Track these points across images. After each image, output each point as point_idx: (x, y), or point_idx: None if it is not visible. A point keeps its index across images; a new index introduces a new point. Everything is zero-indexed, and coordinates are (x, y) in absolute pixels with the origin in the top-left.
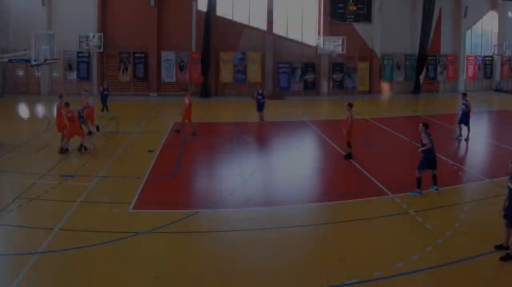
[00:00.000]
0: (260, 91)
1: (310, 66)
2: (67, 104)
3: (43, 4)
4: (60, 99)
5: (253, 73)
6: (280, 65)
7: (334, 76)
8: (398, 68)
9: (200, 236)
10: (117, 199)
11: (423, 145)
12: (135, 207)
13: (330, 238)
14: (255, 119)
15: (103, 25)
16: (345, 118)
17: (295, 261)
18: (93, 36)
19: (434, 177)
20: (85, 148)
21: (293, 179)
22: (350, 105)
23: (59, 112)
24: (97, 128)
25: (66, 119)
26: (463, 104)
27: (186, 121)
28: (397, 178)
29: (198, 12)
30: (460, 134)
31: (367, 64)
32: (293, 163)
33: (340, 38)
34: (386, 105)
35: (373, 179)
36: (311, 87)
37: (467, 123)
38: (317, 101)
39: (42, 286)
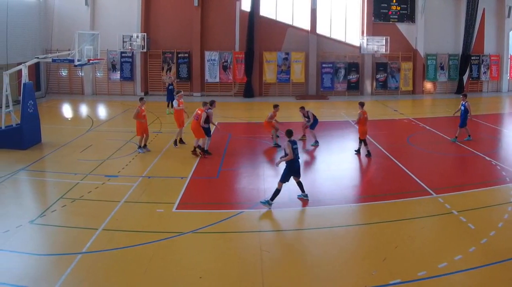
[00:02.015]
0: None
1: (353, 66)
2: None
3: (86, 4)
4: (141, 101)
5: (297, 73)
6: (324, 65)
7: (378, 76)
8: (442, 68)
9: (243, 236)
10: (161, 199)
11: (286, 155)
12: (178, 207)
13: (373, 238)
14: (298, 119)
15: (146, 25)
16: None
17: (338, 261)
18: (137, 36)
19: (299, 183)
20: (202, 150)
21: (336, 179)
22: (361, 104)
23: (140, 114)
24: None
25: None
26: (462, 105)
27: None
28: (440, 178)
29: (242, 12)
30: (469, 135)
31: (410, 64)
32: (336, 163)
33: (384, 38)
34: (430, 106)
35: (416, 179)
36: (354, 87)
37: (463, 124)
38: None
39: (86, 286)
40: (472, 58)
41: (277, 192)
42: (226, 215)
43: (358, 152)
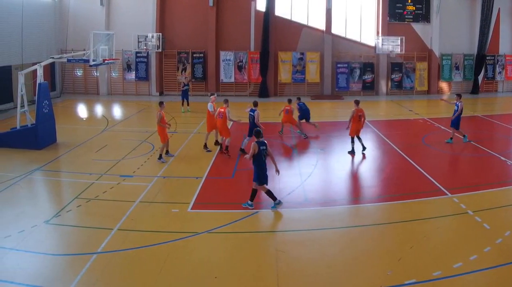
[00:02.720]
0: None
1: (368, 66)
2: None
3: (102, 4)
4: (161, 106)
5: (312, 73)
6: (339, 65)
7: (393, 76)
8: (457, 68)
9: (259, 236)
10: (176, 199)
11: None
12: (193, 207)
13: (388, 238)
14: (314, 119)
15: (161, 25)
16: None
17: (353, 260)
18: (152, 36)
19: (269, 192)
20: (226, 150)
21: (351, 179)
22: (356, 102)
23: (164, 119)
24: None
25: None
26: (456, 105)
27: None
28: (455, 178)
29: (257, 12)
30: (465, 136)
31: (425, 64)
32: (351, 163)
33: (399, 38)
34: (445, 106)
35: (431, 179)
36: (369, 87)
37: (456, 125)
38: (376, 101)
39: (101, 286)
40: (487, 58)
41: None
42: (241, 215)
43: (363, 147)
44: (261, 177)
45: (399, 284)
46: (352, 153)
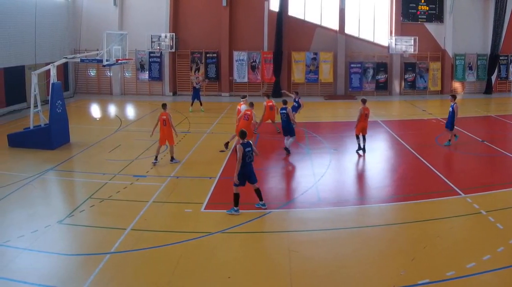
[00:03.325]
0: (296, 99)
1: (382, 66)
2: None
3: (115, 4)
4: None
5: (325, 73)
6: (352, 65)
7: (406, 76)
8: (470, 68)
9: (272, 236)
10: (189, 199)
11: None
12: (207, 207)
13: (402, 238)
14: (327, 119)
15: (175, 25)
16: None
17: (366, 260)
18: (165, 36)
19: (257, 191)
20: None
21: (364, 179)
22: (363, 101)
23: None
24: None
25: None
26: (450, 107)
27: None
28: (469, 177)
29: (270, 12)
30: (456, 136)
31: (439, 64)
32: (365, 163)
33: (412, 38)
34: (459, 106)
35: (445, 179)
36: (383, 87)
37: (451, 126)
38: (389, 101)
39: (114, 286)
40: (501, 58)
41: (236, 196)
42: (255, 215)
43: (362, 150)
44: (240, 178)
45: (412, 284)
46: (359, 150)
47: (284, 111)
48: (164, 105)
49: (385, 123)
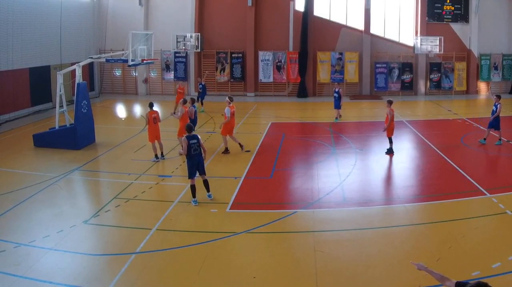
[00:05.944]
0: (336, 90)
1: (407, 66)
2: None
3: (140, 4)
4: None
5: (351, 73)
6: (378, 65)
7: (431, 76)
8: (495, 68)
9: (297, 236)
10: (214, 199)
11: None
12: (232, 207)
13: (427, 238)
14: (353, 119)
15: (200, 25)
16: (385, 115)
17: (392, 260)
18: (191, 36)
19: (205, 182)
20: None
21: (390, 179)
22: (390, 102)
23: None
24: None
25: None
26: (494, 106)
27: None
28: (494, 177)
29: (295, 12)
30: (500, 139)
31: (464, 64)
32: (390, 163)
33: (437, 38)
34: (483, 106)
35: (470, 179)
36: (408, 87)
37: (496, 126)
38: (415, 101)
39: (140, 286)
40: None
41: (192, 188)
42: (280, 215)
43: (390, 151)
44: (189, 171)
45: (438, 284)
46: (390, 152)
47: None
48: (151, 105)
49: (410, 123)
